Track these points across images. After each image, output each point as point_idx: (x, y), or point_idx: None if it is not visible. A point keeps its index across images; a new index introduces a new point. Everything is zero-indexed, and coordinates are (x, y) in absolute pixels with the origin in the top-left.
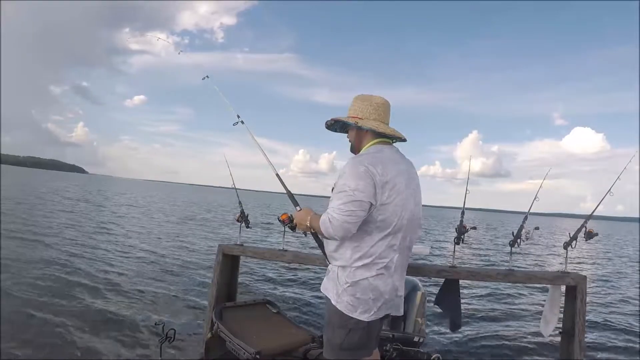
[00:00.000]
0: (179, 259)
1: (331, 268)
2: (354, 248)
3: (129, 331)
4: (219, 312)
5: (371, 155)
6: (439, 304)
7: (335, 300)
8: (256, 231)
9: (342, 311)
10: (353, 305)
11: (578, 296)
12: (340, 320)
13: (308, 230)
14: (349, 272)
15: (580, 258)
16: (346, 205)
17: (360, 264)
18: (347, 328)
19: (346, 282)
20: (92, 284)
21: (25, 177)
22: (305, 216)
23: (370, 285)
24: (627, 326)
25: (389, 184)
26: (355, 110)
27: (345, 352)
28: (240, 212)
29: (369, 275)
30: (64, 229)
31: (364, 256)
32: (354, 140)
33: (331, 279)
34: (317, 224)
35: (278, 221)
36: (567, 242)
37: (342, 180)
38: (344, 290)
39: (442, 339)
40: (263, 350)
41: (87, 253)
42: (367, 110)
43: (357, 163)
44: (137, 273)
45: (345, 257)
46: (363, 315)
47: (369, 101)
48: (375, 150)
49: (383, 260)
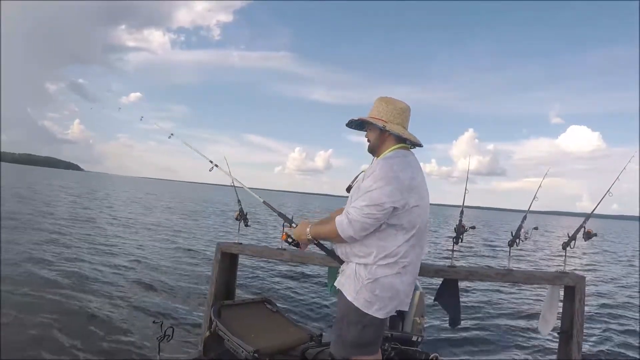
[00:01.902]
0: (177, 258)
1: (349, 266)
2: (380, 247)
3: (127, 329)
4: (217, 311)
5: (400, 160)
6: (438, 300)
7: (353, 297)
8: (255, 229)
9: (359, 307)
10: (370, 302)
11: (577, 296)
12: (356, 316)
13: (310, 242)
14: (370, 269)
15: (578, 257)
16: (369, 207)
17: (384, 263)
18: (362, 324)
19: (368, 278)
20: (91, 283)
21: (24, 175)
22: (303, 230)
23: (390, 283)
24: (626, 326)
25: (416, 189)
26: (380, 112)
27: (355, 349)
28: (239, 210)
29: (390, 273)
30: (60, 226)
31: (388, 255)
32: (375, 141)
33: (349, 276)
34: (322, 230)
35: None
36: (566, 242)
37: (371, 181)
38: (363, 287)
39: (440, 339)
40: (261, 349)
41: (85, 252)
42: (392, 114)
43: (387, 166)
44: (136, 272)
45: (370, 255)
46: (379, 312)
47: (394, 105)
48: (402, 154)
49: (405, 260)
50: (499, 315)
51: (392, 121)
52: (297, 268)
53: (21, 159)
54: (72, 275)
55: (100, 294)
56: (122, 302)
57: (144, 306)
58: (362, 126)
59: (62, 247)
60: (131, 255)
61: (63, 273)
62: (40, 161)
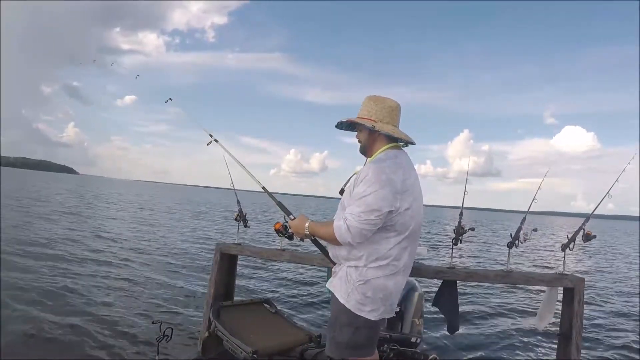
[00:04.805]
0: (176, 258)
1: (340, 268)
2: (372, 250)
3: (126, 330)
4: (216, 311)
5: (392, 162)
6: (436, 305)
7: (345, 299)
8: (254, 230)
9: (351, 309)
10: (362, 304)
11: (575, 298)
12: (348, 318)
13: (307, 238)
14: (361, 271)
15: (577, 258)
16: (366, 213)
17: (376, 265)
18: (355, 326)
19: (359, 280)
20: (89, 283)
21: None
22: (302, 224)
23: (381, 284)
24: (625, 328)
25: (409, 191)
26: (369, 112)
27: (350, 351)
28: (238, 211)
29: (381, 275)
30: (58, 230)
31: (380, 258)
32: (365, 142)
33: (340, 278)
34: (320, 230)
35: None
36: (565, 244)
37: (364, 186)
38: (354, 289)
39: (439, 340)
40: (260, 350)
41: (83, 253)
42: (382, 113)
43: (379, 170)
44: (134, 272)
45: (361, 258)
46: (371, 314)
47: (383, 103)
48: (393, 155)
49: (397, 262)
50: (497, 316)
51: (382, 120)
52: (296, 269)
53: (16, 162)
54: (70, 277)
55: (98, 294)
56: (120, 303)
57: (143, 307)
58: (352, 127)
59: (61, 249)
60: (129, 256)
61: (61, 274)
62: (35, 164)
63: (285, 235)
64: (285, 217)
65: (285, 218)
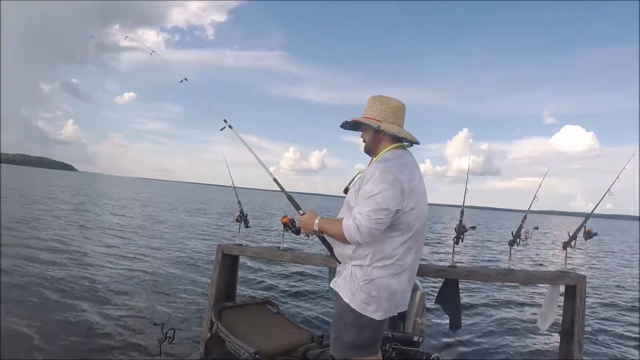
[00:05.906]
0: (177, 259)
1: (345, 267)
2: (376, 249)
3: (128, 331)
4: (218, 312)
5: (398, 161)
6: (439, 303)
7: (350, 298)
8: (256, 231)
9: (355, 309)
10: (367, 303)
11: (577, 295)
12: (352, 318)
13: (315, 234)
14: (366, 270)
15: (578, 255)
16: (375, 212)
17: (380, 265)
18: (359, 326)
19: (363, 279)
20: (91, 285)
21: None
22: (312, 220)
23: (386, 284)
24: (627, 325)
25: (415, 191)
26: (374, 112)
27: (354, 350)
28: (239, 212)
29: (386, 274)
30: (57, 228)
31: (385, 257)
32: (371, 141)
33: (345, 278)
34: (329, 228)
35: (282, 224)
36: (566, 241)
37: (372, 185)
38: (359, 288)
39: (441, 339)
40: (262, 350)
41: (84, 254)
42: (386, 112)
43: (386, 169)
44: (136, 273)
45: (366, 257)
46: (376, 313)
47: (388, 103)
48: (399, 155)
49: (402, 261)
50: (499, 315)
51: (387, 120)
52: (298, 269)
53: (15, 159)
54: (72, 277)
55: (100, 295)
56: (123, 304)
57: (145, 308)
58: (357, 127)
59: (61, 250)
60: (130, 257)
61: (63, 275)
62: (34, 161)
63: (292, 229)
64: (298, 212)
65: (299, 213)
